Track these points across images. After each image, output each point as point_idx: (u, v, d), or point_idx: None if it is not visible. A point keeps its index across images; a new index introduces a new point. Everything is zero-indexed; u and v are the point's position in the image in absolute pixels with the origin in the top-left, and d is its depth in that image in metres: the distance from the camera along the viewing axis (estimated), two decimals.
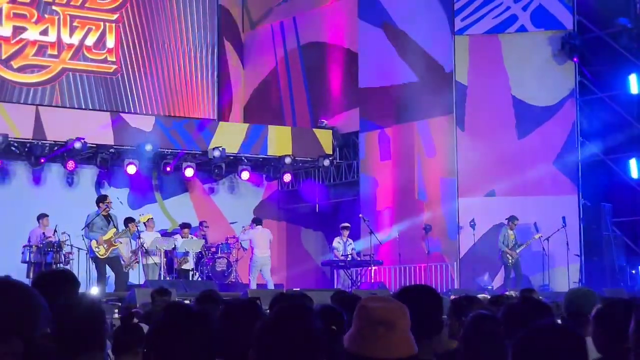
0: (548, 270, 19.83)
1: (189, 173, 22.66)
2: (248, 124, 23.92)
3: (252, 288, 18.88)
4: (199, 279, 20.21)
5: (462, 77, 21.15)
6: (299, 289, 16.83)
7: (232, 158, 23.04)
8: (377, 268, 21.13)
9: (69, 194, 22.38)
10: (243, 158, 23.24)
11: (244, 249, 21.35)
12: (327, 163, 23.35)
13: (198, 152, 22.53)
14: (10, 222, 20.74)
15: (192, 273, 20.51)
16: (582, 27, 20.61)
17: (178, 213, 23.16)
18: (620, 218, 20.44)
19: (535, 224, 19.73)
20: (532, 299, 5.01)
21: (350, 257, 20.38)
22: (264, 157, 23.35)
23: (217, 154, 22.08)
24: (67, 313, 3.80)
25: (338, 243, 20.49)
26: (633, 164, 20.30)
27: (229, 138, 22.69)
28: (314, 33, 24.57)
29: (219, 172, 23.16)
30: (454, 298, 6.83)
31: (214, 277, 20.35)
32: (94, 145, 21.25)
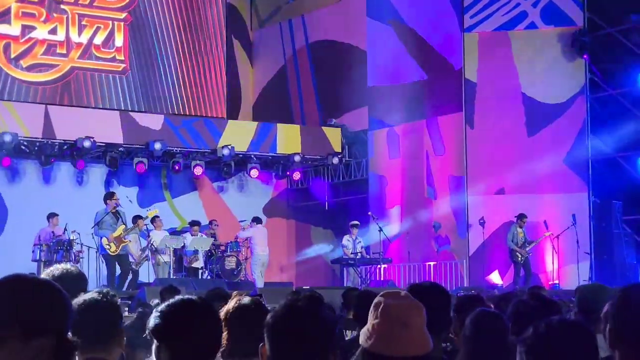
0: (558, 268, 19.79)
1: (198, 171, 22.68)
2: (257, 122, 23.91)
3: (260, 286, 18.87)
4: (208, 278, 20.23)
5: (471, 74, 21.09)
6: (309, 287, 16.83)
7: (241, 156, 23.05)
8: (386, 266, 21.13)
9: (79, 193, 22.41)
10: (252, 156, 23.23)
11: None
12: (336, 161, 23.33)
13: (207, 150, 22.53)
14: (21, 220, 20.81)
15: (201, 271, 20.54)
16: (592, 24, 20.52)
17: (187, 211, 23.15)
18: (631, 216, 20.34)
19: (545, 222, 19.68)
20: (541, 296, 4.98)
21: (360, 255, 20.38)
22: (273, 155, 23.35)
23: (226, 153, 22.09)
24: (84, 309, 3.80)
25: (347, 241, 20.50)
26: None
27: (238, 136, 22.69)
28: (323, 31, 24.55)
29: (228, 170, 23.16)
30: (459, 295, 6.81)
31: (224, 275, 20.38)
32: (103, 144, 21.27)
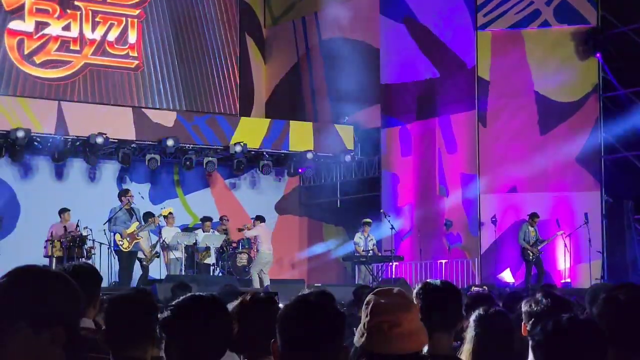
0: (570, 267, 19.75)
1: (211, 168, 22.71)
2: (269, 119, 23.92)
3: (255, 286, 18.80)
4: (220, 274, 20.25)
5: (484, 72, 21.05)
6: (320, 284, 16.84)
7: (253, 153, 23.06)
8: (397, 263, 21.12)
9: (91, 189, 22.46)
10: (264, 153, 23.23)
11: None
12: (348, 159, 23.32)
13: (219, 147, 22.55)
14: (33, 217, 20.87)
15: (213, 268, 20.55)
16: (606, 22, 20.47)
17: (199, 208, 23.16)
18: None
19: (557, 221, 19.64)
20: (552, 295, 4.98)
21: (372, 252, 20.39)
22: (286, 152, 23.35)
23: (238, 149, 22.11)
24: (118, 306, 3.82)
25: (359, 238, 20.50)
26: None
27: (251, 133, 22.71)
28: (336, 29, 24.53)
29: (241, 167, 23.18)
30: (469, 294, 6.81)
31: (235, 272, 20.40)
32: (116, 141, 21.30)
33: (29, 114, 20.38)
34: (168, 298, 10.99)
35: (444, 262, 20.86)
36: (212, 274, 20.23)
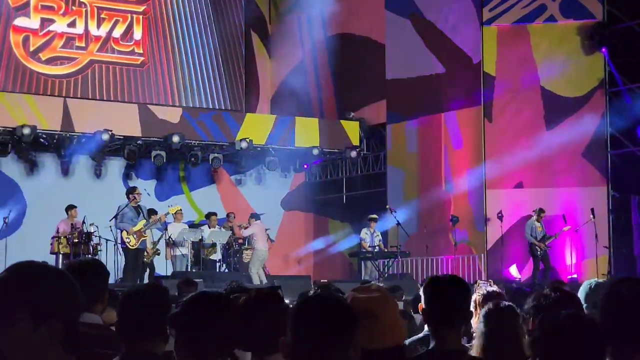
0: (577, 262, 19.73)
1: (216, 164, 22.71)
2: (275, 116, 23.92)
3: (255, 283, 18.76)
4: (226, 271, 20.25)
5: (490, 68, 21.02)
6: (326, 280, 16.82)
7: (259, 149, 23.05)
8: (404, 260, 21.10)
9: (97, 186, 22.48)
10: (270, 149, 23.23)
11: (272, 241, 21.35)
12: (354, 154, 23.32)
13: (225, 143, 22.55)
14: (39, 213, 20.88)
15: (219, 264, 20.55)
16: (612, 17, 20.42)
17: (205, 204, 23.17)
18: None
19: (564, 216, 19.61)
20: (561, 290, 4.97)
21: (378, 248, 20.36)
22: (291, 148, 23.34)
23: (244, 146, 22.10)
24: (132, 301, 3.81)
25: (365, 234, 20.48)
26: None
27: (256, 129, 22.70)
28: (341, 24, 24.51)
29: (246, 163, 23.16)
30: (481, 293, 6.79)
31: (241, 268, 20.39)
32: (122, 137, 21.32)
33: (35, 111, 20.40)
34: (174, 295, 11.01)
35: (450, 258, 20.82)
36: (218, 270, 20.23)
